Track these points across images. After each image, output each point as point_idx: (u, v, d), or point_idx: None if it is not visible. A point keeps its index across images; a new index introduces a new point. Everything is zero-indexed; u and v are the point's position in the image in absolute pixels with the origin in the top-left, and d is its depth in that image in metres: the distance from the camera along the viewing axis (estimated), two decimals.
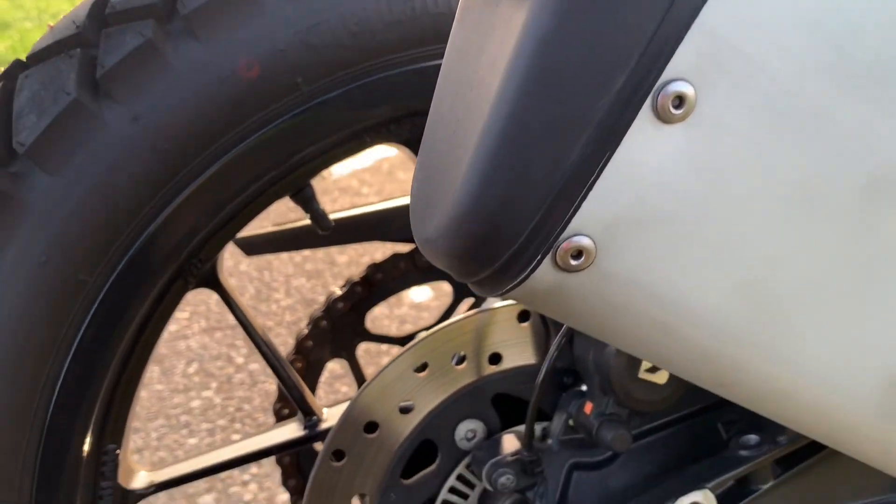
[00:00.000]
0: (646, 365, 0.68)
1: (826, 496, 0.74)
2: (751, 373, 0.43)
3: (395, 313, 2.40)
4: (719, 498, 0.70)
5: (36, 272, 0.66)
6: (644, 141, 0.36)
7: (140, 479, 0.80)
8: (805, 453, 0.72)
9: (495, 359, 0.75)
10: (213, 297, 2.67)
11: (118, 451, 0.76)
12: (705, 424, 0.76)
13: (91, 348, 0.70)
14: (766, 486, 0.71)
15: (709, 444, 0.75)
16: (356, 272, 1.04)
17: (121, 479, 0.78)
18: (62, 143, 0.65)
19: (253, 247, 0.97)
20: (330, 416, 0.86)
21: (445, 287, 2.51)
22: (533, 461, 0.71)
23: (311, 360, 1.02)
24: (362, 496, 0.74)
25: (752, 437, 0.71)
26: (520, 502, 0.75)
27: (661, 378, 0.69)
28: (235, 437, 1.95)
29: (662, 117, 0.36)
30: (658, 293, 0.39)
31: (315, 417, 0.83)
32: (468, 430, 0.76)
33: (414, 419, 0.74)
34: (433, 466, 0.75)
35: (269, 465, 1.82)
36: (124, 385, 0.75)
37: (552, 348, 0.69)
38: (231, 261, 3.02)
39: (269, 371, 2.28)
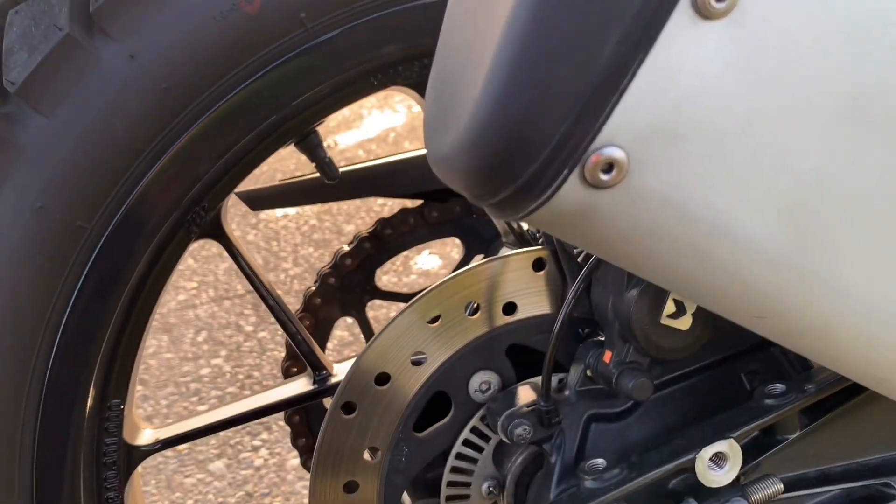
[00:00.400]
0: (668, 310, 0.65)
1: (855, 447, 0.71)
2: (790, 303, 0.40)
3: (403, 281, 2.38)
4: (744, 448, 0.67)
5: (32, 218, 0.63)
6: (682, 39, 0.33)
7: (145, 436, 0.78)
8: (832, 403, 0.69)
9: (510, 308, 0.73)
10: (220, 267, 2.66)
11: (122, 407, 0.74)
12: (728, 375, 0.73)
13: (91, 299, 0.67)
14: (792, 437, 0.68)
15: (732, 394, 0.72)
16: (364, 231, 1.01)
17: (126, 436, 0.76)
18: (55, 81, 0.62)
19: (258, 201, 0.94)
20: (340, 372, 0.84)
21: (454, 255, 2.48)
22: (550, 412, 0.68)
23: (320, 318, 0.99)
24: (374, 450, 0.72)
25: (778, 387, 0.68)
26: (536, 455, 0.73)
27: (683, 324, 0.66)
28: (250, 422, 1.94)
29: (702, 12, 0.32)
30: (694, 213, 0.36)
31: (325, 372, 0.81)
32: (482, 381, 0.73)
33: (426, 371, 0.72)
34: (447, 419, 0.73)
35: (280, 432, 1.82)
36: (127, 339, 0.73)
37: (570, 294, 0.66)
38: (238, 231, 3.00)
39: (279, 339, 2.26)
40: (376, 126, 3.81)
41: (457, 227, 1.02)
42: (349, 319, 1.00)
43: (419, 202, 1.01)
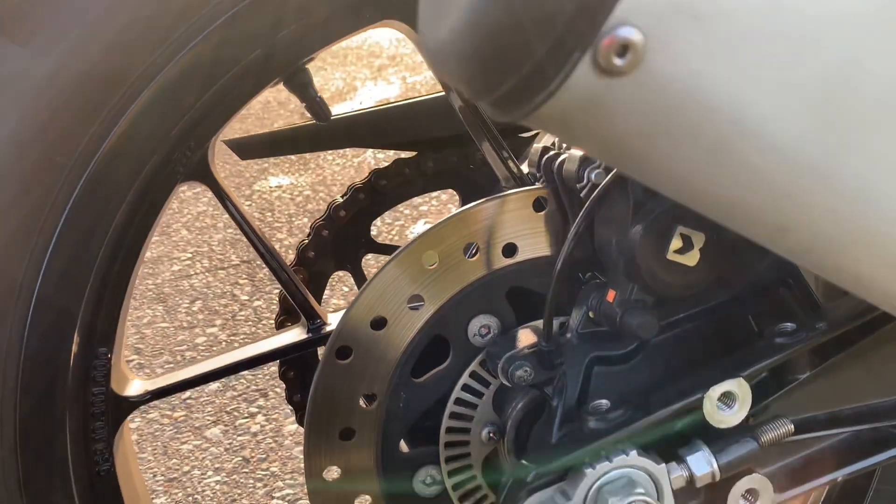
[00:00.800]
0: (675, 245, 0.63)
1: (866, 390, 0.69)
2: (814, 212, 0.38)
3: (395, 242, 2.36)
4: (753, 389, 0.65)
5: (7, 153, 0.60)
6: None
7: (135, 387, 0.76)
8: (844, 342, 0.67)
9: (510, 250, 0.70)
10: (215, 238, 2.63)
11: (110, 356, 0.72)
12: (735, 317, 0.71)
13: (73, 239, 0.64)
14: (802, 377, 0.66)
15: (739, 337, 0.70)
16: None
17: (114, 386, 0.73)
18: (30, 9, 0.59)
19: (247, 149, 0.91)
20: (334, 321, 0.81)
21: None
22: (552, 353, 0.66)
23: (314, 272, 0.97)
24: (370, 396, 0.70)
25: (789, 325, 0.66)
26: (537, 400, 0.71)
27: (691, 259, 0.63)
28: (242, 371, 1.92)
29: None
30: (715, 105, 0.33)
31: (319, 321, 0.79)
32: (482, 325, 0.71)
33: (424, 314, 0.69)
34: (445, 364, 0.71)
35: (277, 398, 1.80)
36: (113, 284, 0.70)
37: (573, 229, 0.64)
38: None
39: (275, 307, 2.22)
40: (370, 98, 3.77)
41: (453, 177, 0.99)
42: (345, 287, 0.98)
43: (415, 152, 0.98)
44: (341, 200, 0.96)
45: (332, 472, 0.70)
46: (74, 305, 0.67)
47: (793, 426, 0.64)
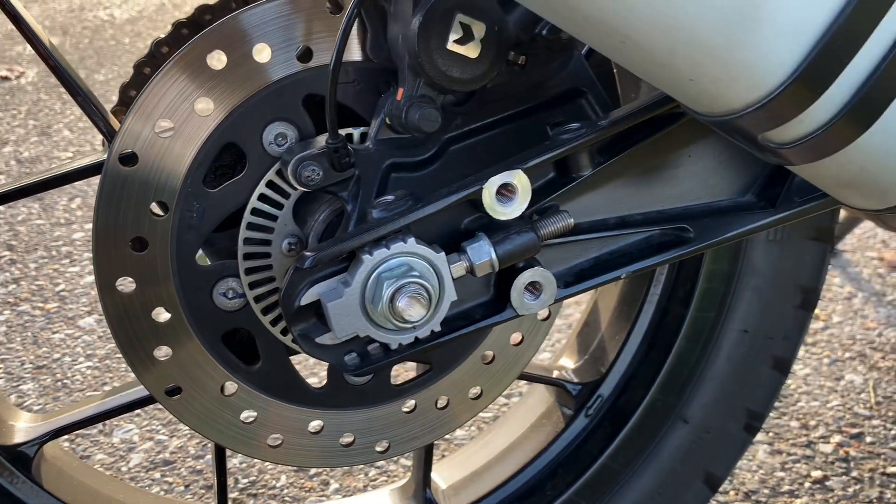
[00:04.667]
0: (454, 35, 0.62)
1: (656, 197, 0.72)
2: None
3: None
4: (540, 189, 0.66)
5: None
6: None
7: None
8: (629, 142, 0.68)
9: (305, 54, 0.68)
10: (97, 139, 2.51)
11: None
12: (532, 126, 0.71)
13: None
14: (586, 174, 0.67)
15: (535, 145, 0.71)
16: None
17: None
18: None
19: None
20: None
21: None
22: (340, 152, 0.65)
23: None
24: (162, 205, 0.68)
25: (574, 125, 0.67)
26: (339, 212, 0.71)
27: (471, 51, 0.63)
28: (41, 193, 1.87)
29: None
30: None
31: None
32: (277, 133, 0.69)
33: (212, 119, 0.67)
34: (241, 174, 0.69)
35: None
36: None
37: (345, 16, 0.62)
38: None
39: None
40: None
41: None
42: None
43: None
44: (164, 37, 0.92)
45: (127, 284, 0.69)
46: None
47: (572, 220, 0.66)
